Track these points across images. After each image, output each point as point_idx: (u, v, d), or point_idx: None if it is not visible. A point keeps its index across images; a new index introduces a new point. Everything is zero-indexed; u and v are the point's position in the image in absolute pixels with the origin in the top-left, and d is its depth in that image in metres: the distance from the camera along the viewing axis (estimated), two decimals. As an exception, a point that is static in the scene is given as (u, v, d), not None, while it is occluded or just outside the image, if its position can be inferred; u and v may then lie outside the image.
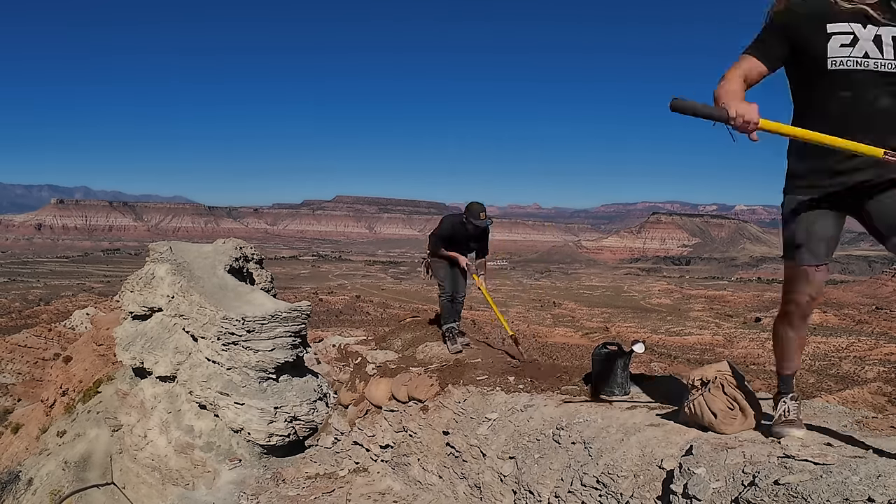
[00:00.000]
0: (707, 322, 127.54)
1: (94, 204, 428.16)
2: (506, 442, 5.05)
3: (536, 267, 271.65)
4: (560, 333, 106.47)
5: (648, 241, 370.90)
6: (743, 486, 2.94)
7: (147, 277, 12.86)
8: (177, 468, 10.93)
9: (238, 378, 10.79)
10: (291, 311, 11.31)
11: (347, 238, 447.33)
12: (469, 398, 5.75)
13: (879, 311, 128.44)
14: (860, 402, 52.79)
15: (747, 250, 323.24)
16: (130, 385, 13.10)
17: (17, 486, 13.73)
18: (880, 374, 79.12)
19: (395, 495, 5.97)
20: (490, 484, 5.02)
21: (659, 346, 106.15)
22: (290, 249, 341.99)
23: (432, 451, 5.81)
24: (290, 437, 10.54)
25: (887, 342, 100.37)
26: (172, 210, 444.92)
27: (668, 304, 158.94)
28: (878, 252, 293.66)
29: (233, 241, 14.32)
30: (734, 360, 27.42)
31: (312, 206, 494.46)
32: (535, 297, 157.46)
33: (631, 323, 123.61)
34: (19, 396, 43.77)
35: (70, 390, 21.53)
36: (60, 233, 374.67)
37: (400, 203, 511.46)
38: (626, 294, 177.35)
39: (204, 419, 11.23)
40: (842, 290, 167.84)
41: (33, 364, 51.07)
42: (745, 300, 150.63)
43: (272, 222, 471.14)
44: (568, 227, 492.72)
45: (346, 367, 18.44)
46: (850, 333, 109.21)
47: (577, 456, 4.34)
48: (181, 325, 11.94)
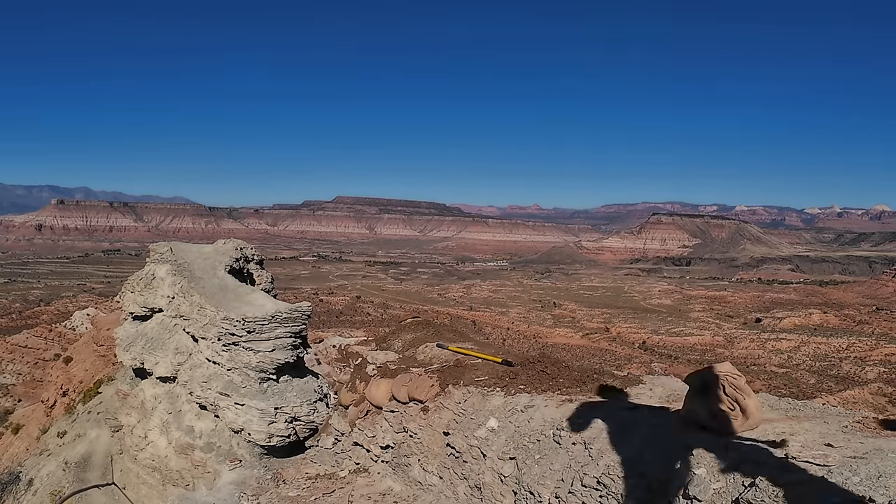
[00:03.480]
0: (707, 323, 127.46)
1: (94, 205, 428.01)
2: (506, 443, 5.05)
3: (537, 267, 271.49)
4: (560, 334, 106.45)
5: (649, 241, 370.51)
6: (743, 487, 2.94)
7: (147, 278, 12.84)
8: (177, 469, 10.92)
9: (238, 379, 10.77)
10: (292, 312, 11.29)
11: (348, 239, 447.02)
12: (469, 399, 5.75)
13: (880, 311, 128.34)
14: (860, 402, 52.78)
15: (747, 251, 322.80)
16: (131, 386, 13.10)
17: (17, 486, 13.72)
18: (881, 375, 79.08)
19: (395, 496, 5.96)
20: (490, 484, 5.02)
21: (659, 346, 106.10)
22: (291, 250, 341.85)
23: (433, 452, 5.81)
24: (290, 437, 10.53)
25: (888, 343, 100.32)
26: (173, 211, 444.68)
27: (669, 304, 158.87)
28: (878, 252, 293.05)
29: (233, 242, 14.31)
30: (734, 361, 27.42)
31: (313, 206, 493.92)
32: (535, 297, 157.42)
33: (631, 323, 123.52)
34: (20, 397, 43.82)
35: (70, 391, 21.55)
36: (61, 233, 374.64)
37: (400, 204, 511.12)
38: (626, 294, 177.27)
39: (204, 420, 11.22)
40: (842, 291, 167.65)
41: (33, 364, 51.11)
42: (745, 301, 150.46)
43: (272, 223, 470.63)
44: (568, 228, 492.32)
45: (346, 368, 18.42)
46: (850, 334, 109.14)
47: (578, 456, 4.33)
48: (181, 326, 11.93)
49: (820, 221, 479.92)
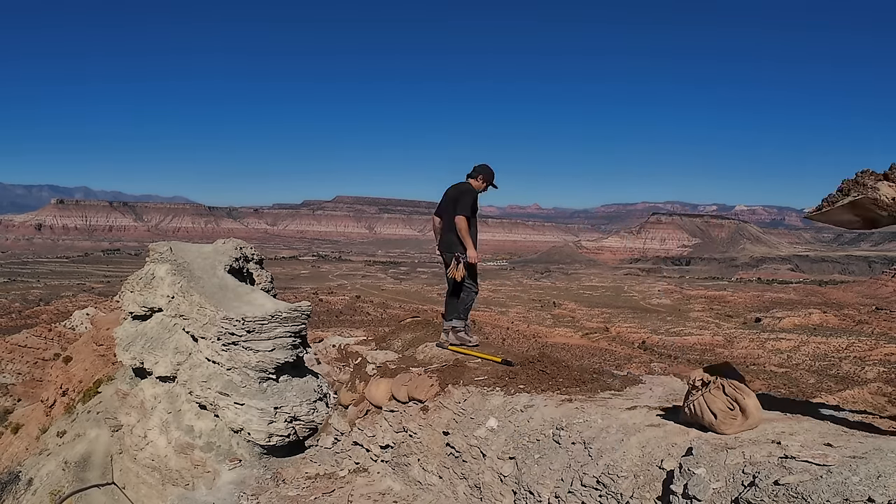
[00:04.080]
0: (707, 322, 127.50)
1: (94, 204, 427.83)
2: (506, 442, 5.05)
3: (536, 267, 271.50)
4: (560, 334, 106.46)
5: (648, 241, 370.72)
6: (743, 487, 2.95)
7: (147, 278, 12.84)
8: (177, 468, 10.92)
9: (238, 378, 10.77)
10: (291, 312, 11.29)
11: (347, 238, 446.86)
12: (469, 398, 5.75)
13: (879, 311, 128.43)
14: (860, 402, 52.81)
15: (747, 251, 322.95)
16: (130, 385, 13.09)
17: (17, 486, 13.73)
18: (880, 375, 79.12)
19: (395, 495, 5.96)
20: (490, 484, 5.02)
21: (659, 346, 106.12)
22: (290, 250, 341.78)
23: (432, 452, 5.81)
24: (290, 437, 10.53)
25: (887, 342, 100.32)
26: (172, 210, 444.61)
27: (669, 304, 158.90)
28: (878, 252, 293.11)
29: (233, 242, 14.30)
30: (734, 361, 27.71)
31: (312, 206, 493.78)
32: (535, 297, 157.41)
33: (631, 323, 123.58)
34: (19, 396, 43.82)
35: (70, 390, 21.55)
36: (60, 233, 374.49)
37: (400, 203, 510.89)
38: (626, 294, 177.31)
39: (204, 419, 11.22)
40: (842, 291, 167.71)
41: (33, 364, 51.10)
42: (745, 300, 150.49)
43: (272, 222, 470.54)
44: (568, 228, 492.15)
45: (346, 368, 18.42)
46: (850, 334, 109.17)
47: (577, 456, 4.34)
48: (181, 326, 11.93)
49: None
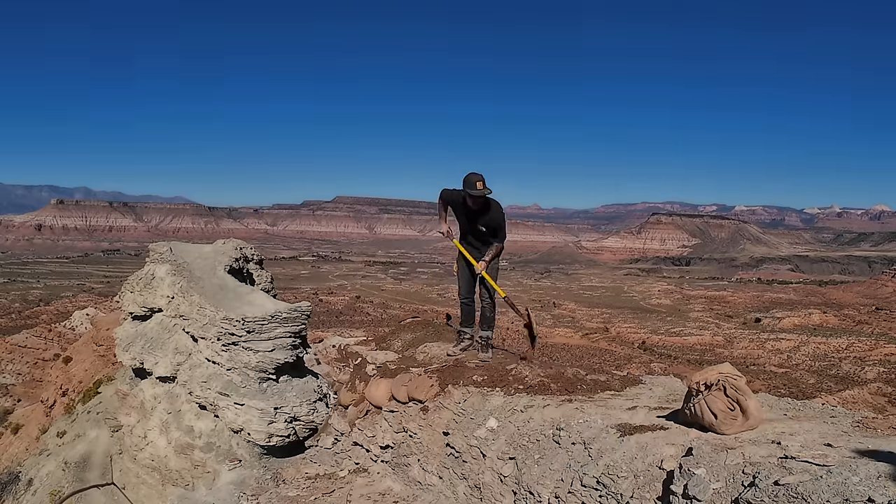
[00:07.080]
0: (707, 323, 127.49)
1: (94, 204, 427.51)
2: (506, 442, 5.05)
3: (536, 267, 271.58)
4: (560, 334, 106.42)
5: (648, 241, 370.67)
6: (743, 487, 2.95)
7: (147, 278, 12.83)
8: (177, 469, 10.92)
9: (238, 378, 10.77)
10: (291, 312, 11.28)
11: (347, 238, 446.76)
12: (469, 399, 5.75)
13: (879, 311, 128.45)
14: (860, 402, 52.80)
15: (747, 251, 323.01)
16: (130, 386, 13.08)
17: (16, 486, 13.73)
18: (880, 375, 79.06)
19: (395, 496, 5.96)
20: (490, 484, 5.02)
21: (659, 346, 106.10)
22: (290, 250, 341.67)
23: (432, 452, 5.81)
24: (290, 437, 10.52)
25: (887, 343, 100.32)
26: (172, 210, 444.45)
27: (668, 304, 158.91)
28: (878, 252, 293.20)
29: (233, 242, 14.29)
30: (734, 361, 27.70)
31: (312, 206, 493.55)
32: (535, 297, 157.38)
33: (631, 323, 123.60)
34: (19, 397, 43.80)
35: (70, 391, 21.55)
36: (60, 233, 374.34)
37: (400, 204, 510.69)
38: (626, 294, 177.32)
39: (204, 420, 11.21)
40: (842, 291, 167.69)
41: (33, 364, 51.09)
42: (744, 301, 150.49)
43: (272, 223, 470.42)
44: (568, 228, 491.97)
45: (346, 368, 18.42)
46: (850, 334, 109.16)
47: (577, 456, 4.34)
48: (181, 326, 11.92)
49: (819, 221, 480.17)
